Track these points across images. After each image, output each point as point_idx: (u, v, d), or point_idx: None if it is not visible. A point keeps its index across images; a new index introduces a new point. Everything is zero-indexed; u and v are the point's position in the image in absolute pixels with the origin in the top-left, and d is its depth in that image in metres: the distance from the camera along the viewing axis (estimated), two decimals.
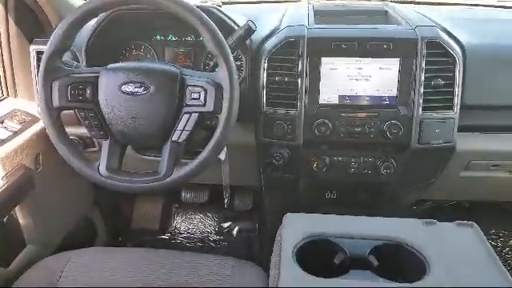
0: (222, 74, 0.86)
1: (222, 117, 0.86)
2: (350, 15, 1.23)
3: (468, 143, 1.11)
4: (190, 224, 1.76)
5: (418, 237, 0.75)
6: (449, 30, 1.11)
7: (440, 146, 1.07)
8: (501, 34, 1.17)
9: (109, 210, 1.61)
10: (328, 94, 1.07)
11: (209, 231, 1.74)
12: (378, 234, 0.76)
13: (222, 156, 1.04)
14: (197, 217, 1.78)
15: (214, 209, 1.77)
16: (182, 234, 1.74)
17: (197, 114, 0.87)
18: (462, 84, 1.05)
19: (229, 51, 0.86)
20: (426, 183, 1.22)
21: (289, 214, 0.82)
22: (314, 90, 1.06)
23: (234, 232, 1.72)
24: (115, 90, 0.87)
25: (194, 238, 1.72)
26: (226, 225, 1.74)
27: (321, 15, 1.23)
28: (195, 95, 0.86)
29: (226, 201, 1.15)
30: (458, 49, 1.04)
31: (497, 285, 0.65)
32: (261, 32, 1.14)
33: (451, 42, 1.05)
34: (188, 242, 1.70)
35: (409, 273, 0.71)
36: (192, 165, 0.87)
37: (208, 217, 1.78)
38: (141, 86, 0.87)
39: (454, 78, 1.03)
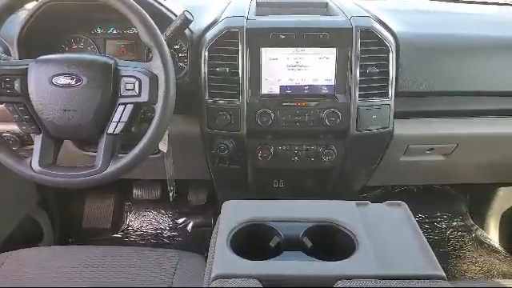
0: (156, 64, 0.85)
1: (158, 107, 0.85)
2: (292, 7, 1.25)
3: (405, 129, 1.16)
4: (143, 221, 1.74)
5: (349, 217, 0.78)
6: (383, 20, 1.15)
7: (378, 132, 1.11)
8: (432, 24, 1.23)
9: (57, 210, 1.56)
10: (269, 85, 1.09)
11: (163, 228, 1.72)
12: (312, 216, 0.78)
13: (164, 148, 1.03)
14: (150, 214, 1.76)
15: (168, 205, 1.76)
16: (135, 231, 1.71)
17: (132, 105, 0.86)
18: (396, 72, 1.09)
19: (162, 41, 0.85)
20: (368, 169, 1.27)
21: (227, 202, 0.83)
22: (255, 80, 1.07)
23: (189, 227, 1.71)
24: (46, 83, 0.85)
25: (148, 235, 1.70)
26: (180, 220, 1.73)
27: (263, 7, 1.24)
28: (130, 86, 0.85)
29: (171, 194, 1.14)
30: (391, 38, 1.08)
31: (418, 256, 0.69)
32: (202, 23, 1.14)
33: (384, 31, 1.09)
34: (141, 240, 1.68)
35: (340, 251, 0.73)
36: (128, 157, 0.86)
37: (161, 213, 1.76)
38: (73, 78, 0.85)
39: (387, 66, 1.07)
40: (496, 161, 1.33)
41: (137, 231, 1.71)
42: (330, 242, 0.77)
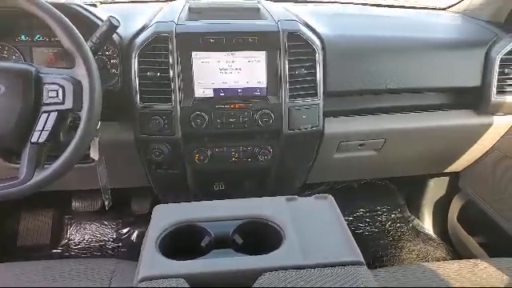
0: (80, 71, 0.84)
1: (83, 114, 0.84)
2: (224, 12, 1.28)
3: (335, 126, 1.22)
4: (85, 234, 1.68)
5: (278, 212, 0.81)
6: (309, 23, 1.20)
7: (309, 131, 1.16)
8: (356, 26, 1.30)
9: None
10: (203, 88, 1.10)
11: (106, 239, 1.67)
12: (242, 214, 0.80)
13: (95, 156, 1.01)
14: (92, 226, 1.70)
15: (111, 215, 1.71)
16: (77, 245, 1.65)
17: (56, 113, 0.84)
18: (324, 73, 1.15)
19: (85, 46, 0.84)
20: (305, 167, 1.32)
21: (157, 206, 0.83)
22: (187, 84, 1.08)
23: (134, 237, 1.68)
24: None
25: (91, 248, 1.64)
26: (124, 230, 1.69)
27: (195, 12, 1.26)
28: (53, 93, 0.83)
29: (106, 203, 1.12)
30: (317, 40, 1.14)
31: (340, 245, 0.73)
32: (132, 28, 1.14)
33: (311, 34, 1.14)
34: (84, 253, 1.62)
35: (269, 246, 0.76)
36: (54, 166, 0.84)
37: (104, 224, 1.71)
38: None
39: (315, 67, 1.12)
40: (423, 153, 1.43)
41: (79, 245, 1.65)
42: (260, 238, 0.79)
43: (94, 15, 1.05)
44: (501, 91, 1.24)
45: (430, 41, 1.26)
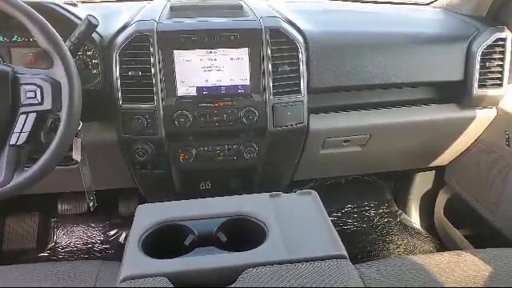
0: (58, 71, 0.83)
1: (63, 114, 0.83)
2: (206, 10, 1.27)
3: (320, 123, 1.22)
4: (71, 237, 1.66)
5: (262, 208, 0.81)
6: (292, 20, 1.20)
7: (294, 128, 1.16)
8: (339, 23, 1.30)
9: None
10: (186, 86, 1.09)
11: (94, 241, 1.66)
12: (226, 211, 0.80)
13: (78, 157, 1.00)
14: (79, 228, 1.68)
15: (98, 217, 1.69)
16: (64, 248, 1.63)
17: (35, 114, 0.83)
18: (307, 69, 1.15)
19: (62, 45, 0.83)
20: (291, 163, 1.32)
21: (140, 206, 0.83)
22: (170, 82, 1.08)
23: (121, 239, 1.66)
24: None
25: (78, 250, 1.62)
26: (112, 232, 1.68)
27: (177, 11, 1.25)
28: (31, 94, 0.82)
29: (91, 205, 1.10)
30: (299, 37, 1.14)
31: (323, 239, 0.73)
32: (113, 27, 1.13)
33: (293, 31, 1.14)
34: (71, 256, 1.60)
35: (253, 242, 0.76)
36: (34, 168, 0.83)
37: (91, 227, 1.69)
38: None
39: (298, 64, 1.12)
40: (408, 148, 1.44)
41: (66, 248, 1.63)
42: (244, 235, 0.79)
43: (73, 14, 1.04)
44: (482, 85, 1.26)
45: (413, 36, 1.27)
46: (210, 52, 1.08)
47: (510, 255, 0.97)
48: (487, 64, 1.24)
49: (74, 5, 1.27)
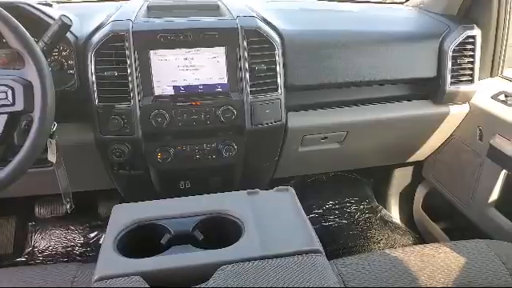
0: (29, 71, 0.82)
1: (36, 115, 0.82)
2: (183, 10, 1.27)
3: (298, 120, 1.24)
4: (50, 240, 1.63)
5: (238, 206, 0.81)
6: (269, 19, 1.21)
7: (272, 126, 1.17)
8: (316, 22, 1.32)
9: None
10: (163, 86, 1.09)
11: (73, 244, 1.63)
12: (202, 210, 0.80)
13: (53, 158, 0.99)
14: (58, 231, 1.65)
15: (78, 220, 1.67)
16: (42, 252, 1.60)
17: (6, 115, 0.82)
18: (284, 68, 1.16)
19: (33, 45, 0.82)
20: (271, 161, 1.33)
21: (116, 206, 0.82)
22: (146, 82, 1.07)
23: (102, 241, 1.64)
24: None
25: (57, 254, 1.60)
26: (92, 234, 1.66)
27: (154, 10, 1.25)
28: (2, 95, 0.81)
29: (68, 207, 1.09)
30: (276, 36, 1.15)
31: (298, 235, 0.74)
32: (88, 27, 1.12)
33: (270, 30, 1.15)
34: (50, 260, 1.58)
35: (230, 240, 0.76)
36: (6, 171, 0.82)
37: (71, 229, 1.66)
38: None
39: (275, 62, 1.13)
40: (385, 144, 1.47)
41: (44, 252, 1.60)
42: (221, 232, 0.80)
43: (46, 14, 1.03)
44: (454, 81, 1.29)
45: (388, 34, 1.30)
46: (187, 51, 1.08)
47: (482, 246, 1.00)
48: (459, 61, 1.28)
49: (49, 5, 1.25)
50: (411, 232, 1.81)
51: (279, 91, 1.15)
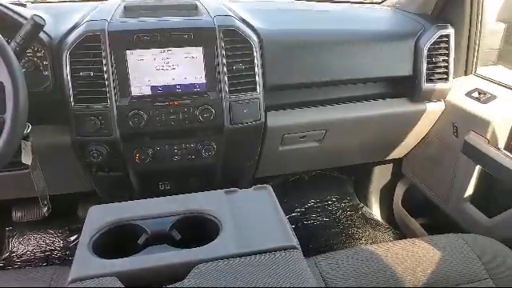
0: (1, 72, 0.80)
1: (8, 117, 0.80)
2: (161, 10, 1.27)
3: (277, 119, 1.24)
4: (28, 245, 1.60)
5: (216, 205, 0.81)
6: (246, 19, 1.22)
7: (251, 125, 1.17)
8: (293, 21, 1.33)
9: None
10: (140, 86, 1.08)
11: (53, 248, 1.61)
12: (180, 209, 0.80)
13: (28, 161, 0.97)
14: (37, 236, 1.63)
15: (57, 223, 1.64)
16: (20, 257, 1.57)
17: None
18: (262, 67, 1.16)
19: (4, 45, 0.81)
20: (252, 161, 1.33)
21: (92, 207, 0.81)
22: (123, 82, 1.06)
23: None
24: None
25: (36, 259, 1.57)
26: (72, 238, 1.64)
27: (131, 10, 1.24)
28: None
29: (45, 210, 1.08)
30: (254, 36, 1.15)
31: (275, 232, 0.74)
32: (63, 28, 1.10)
33: (247, 29, 1.15)
34: (29, 265, 1.55)
35: (208, 239, 0.76)
36: None
37: (50, 233, 1.64)
38: None
39: (253, 62, 1.13)
40: (364, 142, 1.48)
41: (22, 257, 1.57)
42: (198, 232, 0.79)
43: (19, 14, 1.00)
44: (430, 79, 1.32)
45: (365, 33, 1.32)
46: (164, 51, 1.08)
47: (457, 240, 1.03)
48: (433, 59, 1.30)
49: (23, 5, 1.23)
50: (392, 228, 1.84)
51: (258, 90, 1.16)
